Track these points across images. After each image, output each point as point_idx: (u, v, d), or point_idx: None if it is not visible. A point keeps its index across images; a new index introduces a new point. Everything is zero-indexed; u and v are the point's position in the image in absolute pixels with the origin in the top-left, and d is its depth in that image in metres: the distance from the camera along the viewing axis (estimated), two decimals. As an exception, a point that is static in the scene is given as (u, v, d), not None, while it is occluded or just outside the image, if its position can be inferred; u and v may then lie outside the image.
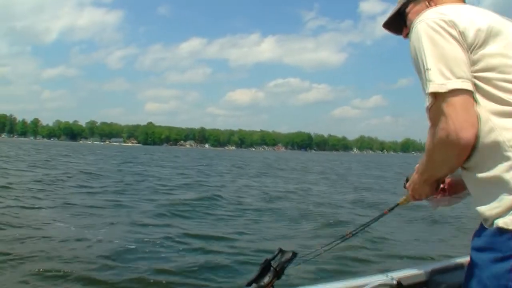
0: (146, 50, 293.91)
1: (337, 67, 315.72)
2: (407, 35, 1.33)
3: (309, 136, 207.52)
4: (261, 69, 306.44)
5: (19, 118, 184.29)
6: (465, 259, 1.45)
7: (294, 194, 12.69)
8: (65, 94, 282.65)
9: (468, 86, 1.06)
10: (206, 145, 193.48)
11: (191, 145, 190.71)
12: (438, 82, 1.06)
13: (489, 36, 1.10)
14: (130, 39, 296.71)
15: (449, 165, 1.17)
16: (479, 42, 1.09)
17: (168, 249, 5.55)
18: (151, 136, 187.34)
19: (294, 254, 1.41)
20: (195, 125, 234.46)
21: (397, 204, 1.58)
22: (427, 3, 1.33)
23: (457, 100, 1.05)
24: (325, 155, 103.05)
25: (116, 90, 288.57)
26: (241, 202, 10.54)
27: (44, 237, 5.75)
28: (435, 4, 1.29)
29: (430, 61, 1.09)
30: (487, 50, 1.09)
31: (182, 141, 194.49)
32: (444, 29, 1.10)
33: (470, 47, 1.09)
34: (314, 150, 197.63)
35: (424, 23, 1.14)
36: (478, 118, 1.06)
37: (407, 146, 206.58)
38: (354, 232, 1.73)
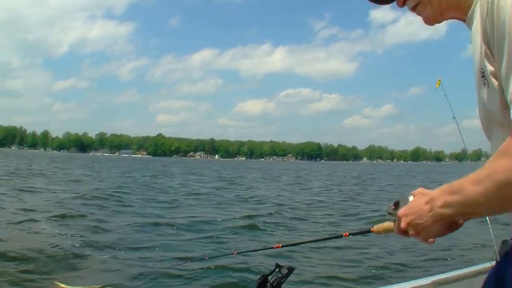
0: (157, 61, 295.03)
1: (348, 77, 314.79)
2: (404, 3, 1.04)
3: (319, 146, 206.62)
4: (272, 79, 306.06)
5: (29, 130, 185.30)
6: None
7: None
8: (75, 106, 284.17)
9: None
10: (216, 156, 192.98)
11: (201, 156, 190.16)
12: None
13: None
14: (141, 50, 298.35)
15: None
16: None
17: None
18: (160, 148, 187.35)
19: (291, 269, 1.44)
20: (206, 136, 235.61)
21: (369, 231, 1.31)
22: None
23: None
24: (332, 165, 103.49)
25: (127, 102, 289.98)
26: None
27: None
28: None
29: None
30: None
31: (192, 153, 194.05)
32: None
33: None
34: (324, 160, 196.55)
35: None
36: None
37: (417, 155, 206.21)
38: (284, 245, 2.10)
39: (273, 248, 2.01)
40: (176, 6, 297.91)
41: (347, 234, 1.51)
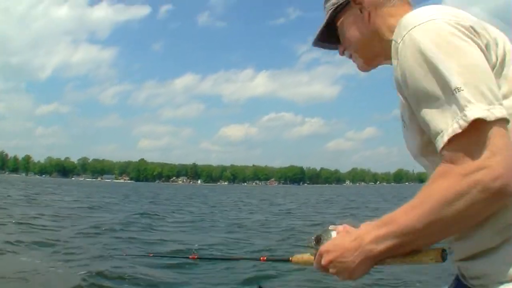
0: (140, 86, 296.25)
1: (331, 100, 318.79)
2: (343, 52, 1.16)
3: (301, 170, 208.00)
4: (255, 104, 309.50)
5: (11, 154, 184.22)
6: None
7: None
8: (58, 130, 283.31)
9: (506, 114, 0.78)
10: (199, 181, 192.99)
11: (183, 181, 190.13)
12: (483, 106, 0.75)
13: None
14: (124, 75, 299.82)
15: (468, 223, 0.81)
16: (500, 60, 0.86)
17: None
18: (143, 173, 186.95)
19: None
20: (189, 161, 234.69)
21: (288, 260, 1.23)
22: (359, 12, 1.07)
23: (505, 131, 0.77)
24: (313, 189, 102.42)
25: (110, 126, 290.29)
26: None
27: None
28: (372, 13, 1.05)
29: (461, 77, 0.77)
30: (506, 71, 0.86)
31: (174, 177, 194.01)
32: (467, 34, 0.82)
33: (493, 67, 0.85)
34: (307, 184, 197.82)
35: (434, 24, 0.83)
36: None
37: (400, 177, 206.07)
38: (200, 257, 2.06)
39: (188, 258, 2.03)
40: (160, 31, 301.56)
41: (265, 258, 1.47)
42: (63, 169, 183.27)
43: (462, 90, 0.76)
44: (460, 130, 0.76)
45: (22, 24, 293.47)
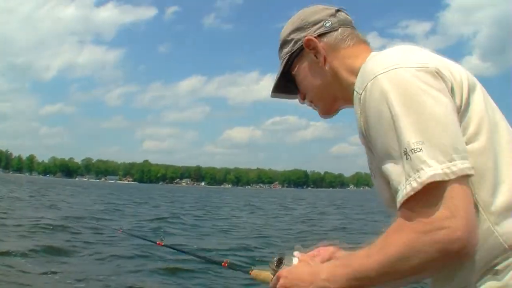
0: (145, 88, 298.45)
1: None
2: (303, 99, 1.11)
3: (305, 173, 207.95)
4: (259, 107, 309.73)
5: (15, 154, 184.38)
6: None
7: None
8: (62, 131, 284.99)
9: (472, 170, 0.76)
10: (202, 183, 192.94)
11: (187, 183, 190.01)
12: (439, 166, 0.73)
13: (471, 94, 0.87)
14: (129, 77, 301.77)
15: (422, 277, 0.82)
16: (465, 100, 0.84)
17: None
18: (147, 174, 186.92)
19: None
20: (192, 163, 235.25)
21: (247, 272, 1.27)
22: (314, 57, 1.03)
23: (466, 188, 0.75)
24: (317, 192, 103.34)
25: (114, 127, 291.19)
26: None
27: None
28: (328, 57, 1.01)
29: (419, 134, 0.75)
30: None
31: (178, 180, 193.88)
32: (431, 83, 0.79)
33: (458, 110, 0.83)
34: (311, 187, 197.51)
35: (396, 74, 0.80)
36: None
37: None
38: (166, 244, 2.10)
39: (155, 243, 2.05)
40: (166, 33, 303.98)
41: (226, 264, 1.47)
42: (67, 169, 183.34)
43: (419, 150, 0.74)
44: (413, 193, 0.74)
45: (27, 24, 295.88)
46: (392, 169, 0.79)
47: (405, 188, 0.75)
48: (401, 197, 0.76)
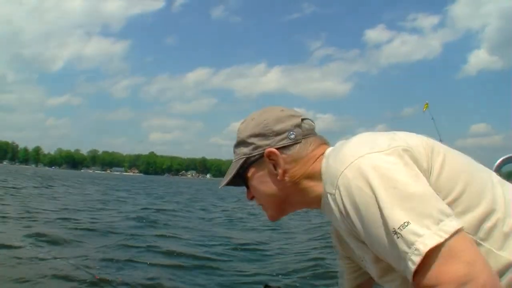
0: (152, 79, 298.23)
1: (343, 97, 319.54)
2: (252, 198, 1.07)
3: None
4: (266, 99, 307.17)
5: (21, 145, 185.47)
6: None
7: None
8: (69, 122, 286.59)
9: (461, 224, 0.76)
10: (208, 175, 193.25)
11: (192, 175, 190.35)
12: (430, 232, 0.72)
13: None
14: (136, 68, 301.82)
15: None
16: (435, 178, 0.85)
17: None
18: (152, 166, 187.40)
19: None
20: (199, 155, 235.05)
21: None
22: (272, 168, 0.98)
23: (468, 238, 0.74)
24: None
25: (120, 119, 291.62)
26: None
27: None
28: (290, 170, 0.97)
29: (404, 210, 0.74)
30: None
31: (183, 171, 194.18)
32: (406, 161, 0.80)
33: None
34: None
35: (363, 161, 0.80)
36: None
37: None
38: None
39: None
40: (173, 25, 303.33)
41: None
42: (73, 161, 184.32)
43: (407, 224, 0.73)
44: (415, 267, 0.72)
45: (34, 15, 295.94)
46: (388, 253, 0.76)
47: (407, 266, 0.72)
48: (409, 276, 0.73)
